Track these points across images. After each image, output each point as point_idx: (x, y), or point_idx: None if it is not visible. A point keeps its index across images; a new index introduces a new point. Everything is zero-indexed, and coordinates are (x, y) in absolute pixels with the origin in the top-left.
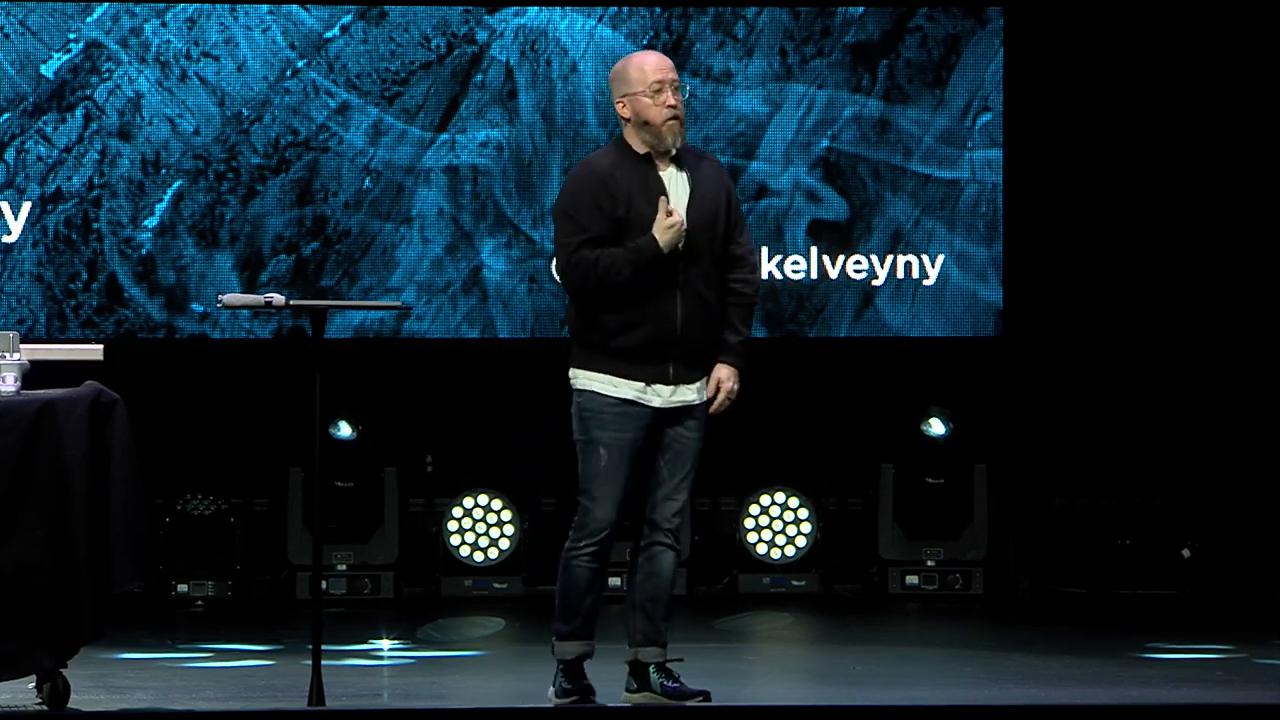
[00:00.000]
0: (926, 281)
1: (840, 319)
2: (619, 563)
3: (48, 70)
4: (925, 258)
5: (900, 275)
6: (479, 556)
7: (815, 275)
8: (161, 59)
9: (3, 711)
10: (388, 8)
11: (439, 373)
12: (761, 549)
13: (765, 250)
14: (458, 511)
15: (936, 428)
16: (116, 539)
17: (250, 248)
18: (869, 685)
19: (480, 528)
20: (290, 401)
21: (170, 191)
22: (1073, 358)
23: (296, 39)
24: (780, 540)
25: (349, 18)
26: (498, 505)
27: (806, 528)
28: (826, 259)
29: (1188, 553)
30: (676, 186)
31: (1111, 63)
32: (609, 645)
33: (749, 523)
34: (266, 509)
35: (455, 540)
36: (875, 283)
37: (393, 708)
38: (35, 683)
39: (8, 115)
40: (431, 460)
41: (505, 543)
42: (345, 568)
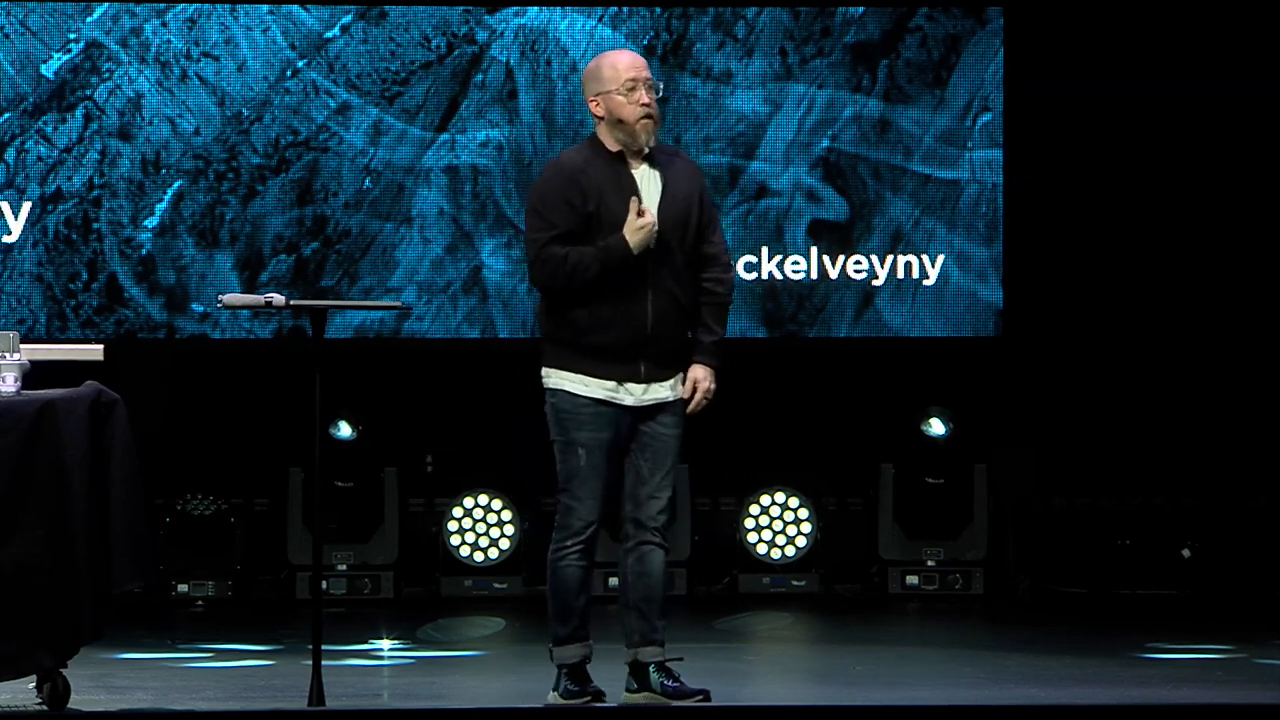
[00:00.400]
0: (926, 281)
1: (840, 319)
2: (614, 563)
3: (48, 70)
4: (925, 258)
5: (900, 275)
6: (479, 556)
7: (815, 275)
8: (162, 59)
9: (3, 711)
10: (388, 8)
11: (439, 373)
12: (761, 549)
13: (765, 250)
14: (458, 511)
15: (936, 428)
16: (116, 539)
17: (250, 248)
18: (869, 685)
19: (480, 528)
20: (290, 401)
21: (170, 191)
22: (1073, 358)
23: (297, 39)
24: (780, 540)
25: (349, 18)
26: (498, 505)
27: (806, 528)
28: (826, 259)
29: (1188, 553)
30: (649, 185)
31: (1111, 63)
32: (609, 645)
33: (749, 523)
34: (266, 509)
35: (455, 540)
36: (875, 283)
37: (393, 708)
38: (35, 683)
39: (8, 115)
40: (431, 460)
41: (505, 543)
42: (345, 568)
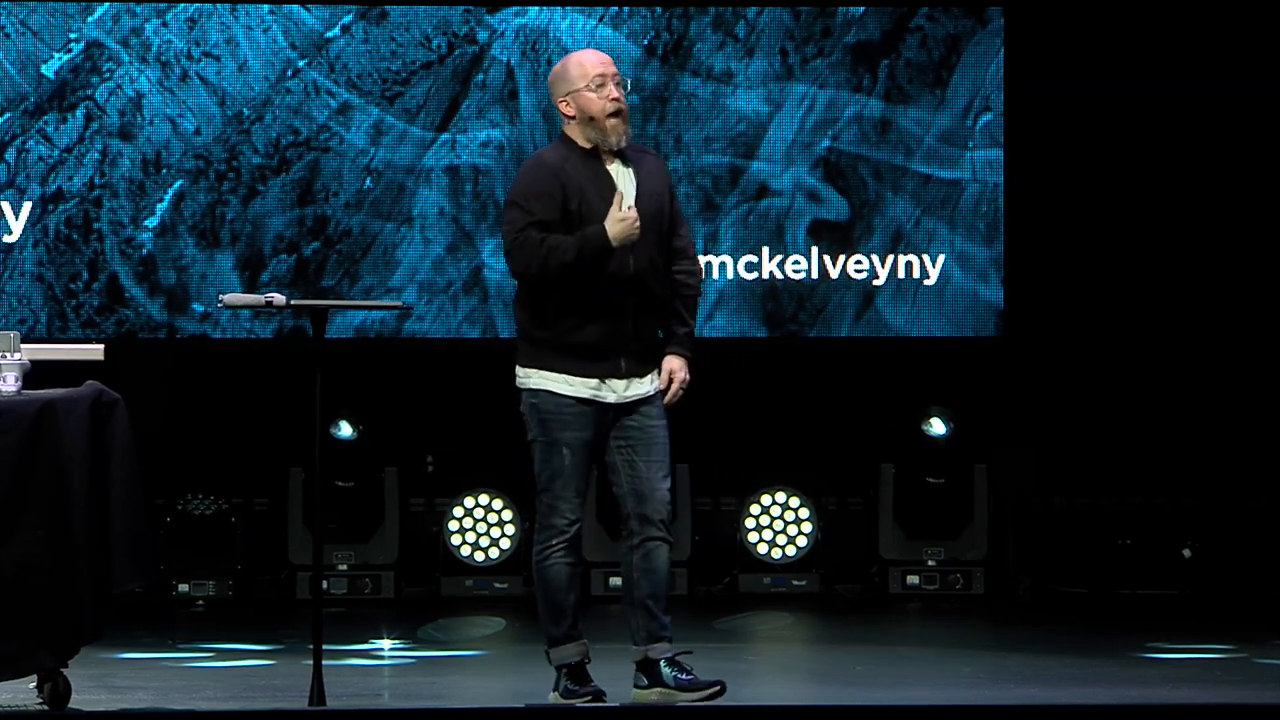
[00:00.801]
0: (927, 281)
1: (841, 319)
2: (615, 563)
3: (48, 70)
4: (926, 258)
5: (901, 275)
6: (479, 556)
7: (816, 275)
8: (162, 59)
9: (3, 711)
10: (388, 7)
11: (440, 373)
12: (762, 549)
13: (766, 250)
14: (458, 511)
15: (937, 428)
16: (117, 539)
17: (251, 247)
18: (869, 685)
19: (481, 528)
20: (290, 401)
21: (171, 191)
22: (1073, 358)
23: (297, 39)
24: (780, 540)
25: (350, 17)
26: (498, 505)
27: (807, 528)
28: (827, 259)
29: (1188, 553)
30: (624, 182)
31: (1112, 63)
32: (608, 645)
33: (749, 523)
34: (267, 509)
35: (456, 540)
36: (876, 283)
37: (393, 708)
38: (36, 683)
39: (8, 115)
40: (432, 460)
41: (506, 543)
42: (346, 568)
